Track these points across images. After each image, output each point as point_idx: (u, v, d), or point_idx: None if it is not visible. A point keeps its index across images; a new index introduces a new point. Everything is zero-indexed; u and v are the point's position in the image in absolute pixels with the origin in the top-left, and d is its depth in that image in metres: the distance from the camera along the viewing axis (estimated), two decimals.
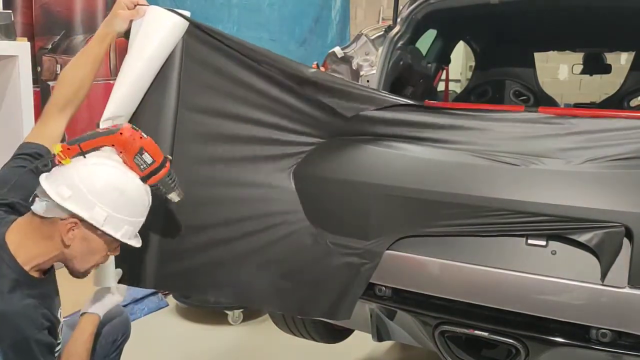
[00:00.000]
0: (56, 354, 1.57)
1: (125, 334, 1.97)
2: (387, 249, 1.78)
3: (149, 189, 1.59)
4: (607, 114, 1.87)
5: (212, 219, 1.90)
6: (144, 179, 1.56)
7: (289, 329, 2.51)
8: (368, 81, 2.31)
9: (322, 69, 2.41)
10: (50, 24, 3.38)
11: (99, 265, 1.74)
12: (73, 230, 1.47)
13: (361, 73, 2.35)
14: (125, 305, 3.21)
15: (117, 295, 1.79)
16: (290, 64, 1.87)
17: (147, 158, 1.55)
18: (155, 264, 1.88)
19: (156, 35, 1.72)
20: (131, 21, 1.74)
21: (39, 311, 1.49)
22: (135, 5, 1.73)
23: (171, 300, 3.71)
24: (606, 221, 1.53)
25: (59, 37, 3.40)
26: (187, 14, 1.79)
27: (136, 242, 1.60)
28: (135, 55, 1.73)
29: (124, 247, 1.59)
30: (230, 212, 1.90)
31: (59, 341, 1.59)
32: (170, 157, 1.64)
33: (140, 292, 3.52)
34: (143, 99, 1.78)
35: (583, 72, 4.15)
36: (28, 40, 2.90)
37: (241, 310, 3.50)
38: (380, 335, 2.03)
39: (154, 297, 3.67)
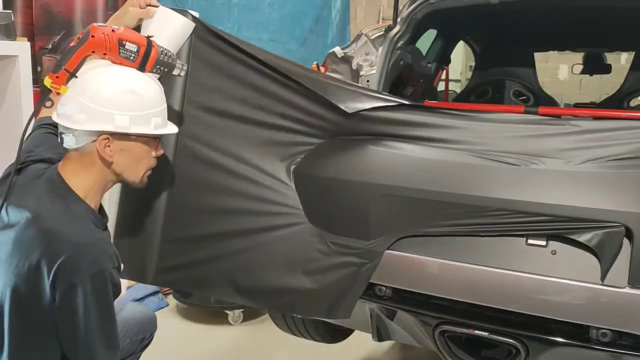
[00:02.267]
0: None
1: (152, 334, 2.00)
2: (387, 249, 1.78)
3: (152, 75, 1.58)
4: (607, 114, 1.87)
5: (212, 216, 1.91)
6: (141, 68, 1.54)
7: (289, 328, 2.51)
8: (368, 81, 2.31)
9: (322, 69, 2.42)
10: (50, 24, 3.37)
11: None
12: (108, 146, 1.49)
13: (361, 73, 2.35)
14: None
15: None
16: (291, 65, 1.89)
17: (131, 47, 1.51)
18: (155, 259, 1.89)
19: (163, 35, 1.75)
20: (140, 19, 1.76)
21: (112, 248, 1.53)
22: (146, 5, 1.75)
23: (171, 300, 3.71)
24: (606, 221, 1.53)
25: (59, 37, 3.40)
26: (196, 14, 1.82)
27: (172, 129, 1.60)
28: None
29: (124, 242, 1.59)
30: (230, 211, 1.91)
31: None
32: (151, 34, 1.60)
33: (140, 291, 3.53)
34: None
35: (583, 72, 4.16)
36: (28, 41, 2.90)
37: (241, 310, 3.50)
38: (380, 335, 2.03)
39: (155, 296, 3.67)
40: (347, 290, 1.82)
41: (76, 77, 1.48)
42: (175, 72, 1.63)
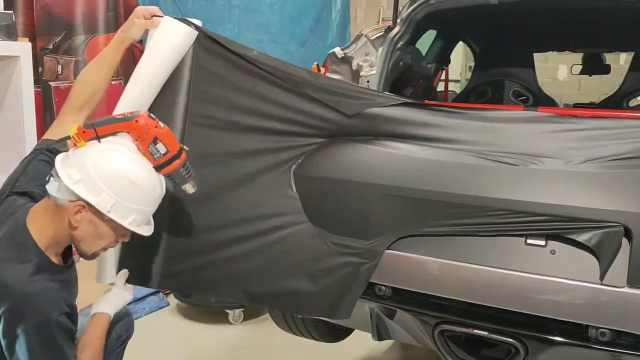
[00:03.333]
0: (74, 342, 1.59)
1: (128, 331, 2.00)
2: (387, 249, 1.79)
3: (162, 178, 1.60)
4: (606, 114, 1.88)
5: (215, 219, 1.92)
6: (157, 168, 1.57)
7: (289, 328, 2.51)
8: (368, 81, 2.32)
9: (322, 69, 2.43)
10: (51, 24, 3.38)
11: (101, 262, 1.76)
12: (80, 212, 1.49)
13: (361, 73, 2.36)
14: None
15: (126, 294, 1.81)
16: (292, 68, 1.91)
17: (161, 148, 1.54)
18: (160, 264, 1.90)
19: (166, 45, 1.79)
20: (146, 30, 1.78)
21: (60, 295, 1.51)
22: (152, 16, 1.78)
23: (172, 299, 3.71)
24: (605, 221, 1.53)
25: (60, 37, 3.41)
26: (199, 23, 1.85)
27: (146, 231, 1.59)
28: (147, 63, 1.80)
29: (130, 249, 1.59)
30: (232, 212, 1.92)
31: (76, 328, 1.60)
32: (186, 147, 1.63)
33: (141, 291, 3.53)
34: (154, 103, 1.82)
35: (582, 72, 4.16)
36: (29, 41, 2.90)
37: (242, 309, 3.50)
38: (380, 334, 2.03)
39: (155, 296, 3.67)
40: (347, 290, 1.83)
41: (99, 141, 1.51)
42: (185, 187, 1.65)
